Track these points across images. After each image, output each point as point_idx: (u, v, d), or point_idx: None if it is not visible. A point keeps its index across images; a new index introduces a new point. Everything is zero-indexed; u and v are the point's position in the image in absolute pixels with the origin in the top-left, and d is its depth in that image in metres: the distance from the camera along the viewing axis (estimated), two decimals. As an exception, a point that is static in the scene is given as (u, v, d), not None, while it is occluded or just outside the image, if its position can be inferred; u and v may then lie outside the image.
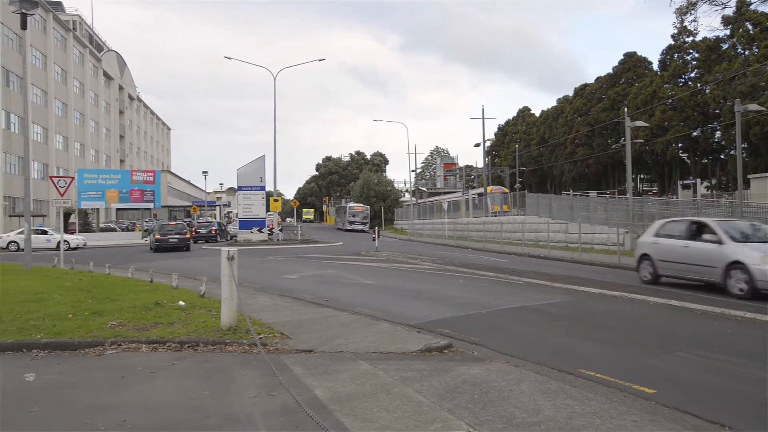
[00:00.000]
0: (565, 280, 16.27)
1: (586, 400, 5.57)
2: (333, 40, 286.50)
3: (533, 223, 35.15)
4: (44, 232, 36.52)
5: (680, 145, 57.98)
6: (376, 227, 38.10)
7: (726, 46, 50.53)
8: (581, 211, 32.42)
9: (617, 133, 61.24)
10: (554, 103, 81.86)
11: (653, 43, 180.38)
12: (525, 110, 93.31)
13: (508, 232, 36.37)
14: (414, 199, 72.23)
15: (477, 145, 51.67)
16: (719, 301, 12.17)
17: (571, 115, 71.08)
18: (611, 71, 67.54)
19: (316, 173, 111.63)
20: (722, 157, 56.35)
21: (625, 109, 45.29)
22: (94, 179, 46.28)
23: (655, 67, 61.03)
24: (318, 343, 7.99)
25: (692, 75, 55.05)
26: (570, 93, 76.07)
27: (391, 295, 13.71)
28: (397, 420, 5.02)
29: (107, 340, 7.84)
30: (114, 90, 78.60)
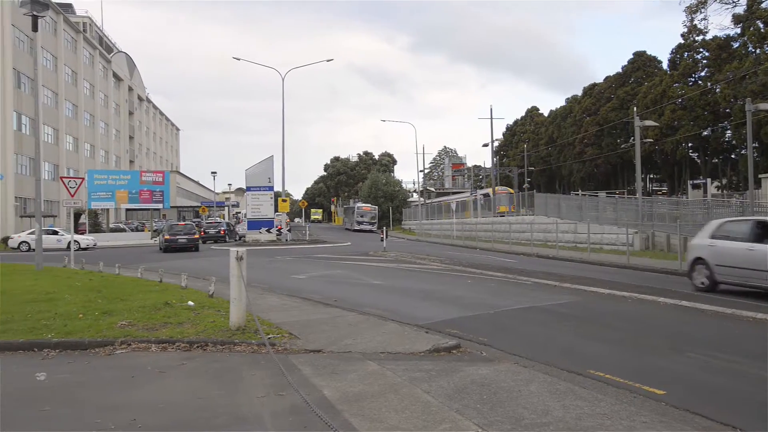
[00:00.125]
0: (573, 280, 16.20)
1: (595, 401, 5.54)
2: (341, 41, 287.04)
3: (542, 223, 35.03)
4: (55, 233, 36.79)
5: (690, 144, 57.58)
6: (384, 227, 38.13)
7: (737, 45, 50.10)
8: (590, 211, 32.28)
9: (626, 133, 60.94)
10: (563, 103, 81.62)
11: (663, 42, 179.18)
12: (533, 110, 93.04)
13: (516, 232, 36.28)
14: (422, 199, 72.18)
15: (485, 145, 51.41)
16: (730, 302, 12.07)
17: (580, 115, 70.76)
18: (620, 70, 67.15)
19: (324, 173, 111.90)
20: (733, 156, 55.92)
21: (635, 108, 45.02)
22: (103, 180, 46.66)
23: (665, 66, 60.62)
24: (326, 343, 8.00)
25: (702, 74, 54.64)
26: (579, 92, 75.79)
27: (399, 296, 13.70)
28: (406, 420, 5.02)
29: (117, 340, 7.90)
30: (123, 91, 79.09)
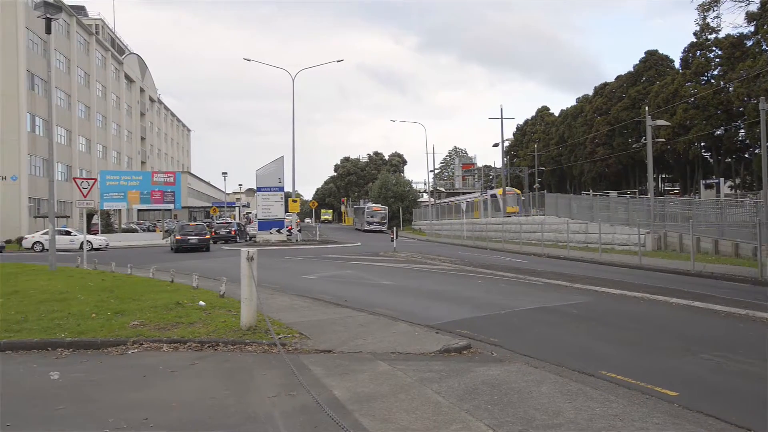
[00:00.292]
0: (585, 280, 16.12)
1: (607, 402, 5.51)
2: (351, 42, 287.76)
3: (552, 224, 34.87)
4: (68, 233, 37.10)
5: (703, 144, 57.07)
6: (394, 228, 38.12)
7: (750, 43, 49.60)
8: (601, 211, 32.09)
9: (638, 133, 60.45)
10: (573, 103, 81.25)
11: (675, 40, 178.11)
12: (544, 110, 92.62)
13: (527, 232, 36.14)
14: (432, 199, 72.08)
15: (495, 145, 51.28)
16: (744, 302, 11.96)
17: (591, 115, 70.34)
18: (632, 69, 66.65)
19: (335, 174, 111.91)
20: (746, 156, 55.32)
21: (646, 107, 44.65)
22: (116, 180, 47.02)
23: (677, 65, 60.13)
24: (337, 344, 8.02)
25: (715, 73, 54.12)
26: (589, 92, 75.35)
27: (409, 296, 13.70)
28: (416, 421, 5.02)
29: (129, 340, 7.96)
30: (135, 92, 79.68)
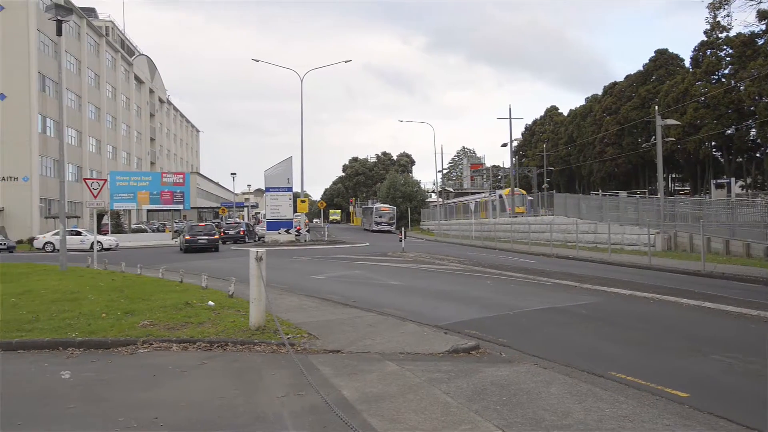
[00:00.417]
0: (594, 281, 16.04)
1: (616, 403, 5.48)
2: (358, 42, 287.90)
3: (561, 224, 34.74)
4: (78, 233, 37.37)
5: (713, 143, 56.55)
6: (402, 228, 38.10)
7: (761, 42, 49.10)
8: (611, 211, 31.93)
9: (648, 132, 60.03)
10: (582, 102, 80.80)
11: (685, 39, 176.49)
12: (552, 109, 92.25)
13: (536, 232, 36.03)
14: (440, 199, 71.99)
15: (504, 145, 51.16)
16: (756, 303, 11.86)
17: (600, 114, 69.95)
18: (642, 69, 66.21)
19: (343, 174, 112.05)
20: (758, 155, 54.80)
21: (656, 107, 44.36)
22: (125, 181, 47.32)
23: (687, 64, 59.69)
24: (345, 344, 8.03)
25: (726, 71, 53.62)
26: (598, 92, 74.91)
27: (418, 296, 13.69)
28: (425, 421, 5.02)
29: (139, 339, 8.01)
30: (145, 93, 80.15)
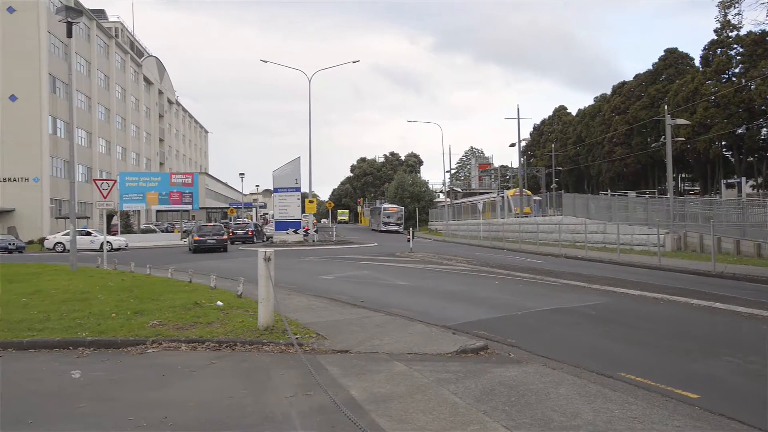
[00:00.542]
0: (603, 281, 15.97)
1: (626, 404, 5.45)
2: (366, 43, 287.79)
3: (570, 224, 34.61)
4: (88, 234, 37.62)
5: (724, 142, 56.10)
6: (410, 228, 38.09)
7: (772, 40, 48.74)
8: (620, 211, 31.78)
9: (657, 132, 59.63)
10: (591, 102, 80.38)
11: (694, 38, 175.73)
12: (561, 109, 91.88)
13: (544, 233, 35.91)
14: (448, 199, 71.88)
15: (512, 145, 51.16)
16: (767, 304, 11.75)
17: (609, 114, 69.60)
18: (651, 68, 65.84)
19: (351, 174, 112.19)
20: (769, 154, 54.38)
21: (666, 106, 44.06)
22: (135, 182, 47.60)
23: (697, 63, 59.27)
24: (354, 344, 8.03)
25: (736, 70, 53.19)
26: (607, 91, 74.54)
27: (426, 297, 13.68)
28: (433, 421, 5.01)
29: (148, 339, 8.05)
30: (154, 94, 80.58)
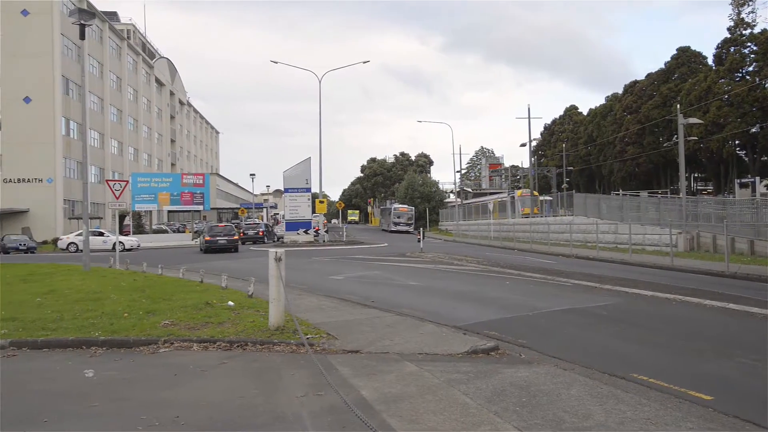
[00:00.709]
0: (615, 281, 15.87)
1: (638, 406, 5.41)
2: (376, 43, 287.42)
3: (581, 224, 34.42)
4: (101, 234, 37.98)
5: (737, 142, 55.54)
6: (420, 228, 38.06)
7: (787, 38, 48.17)
8: (631, 211, 31.56)
9: (669, 131, 59.21)
10: (602, 102, 79.87)
11: (707, 37, 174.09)
12: (572, 109, 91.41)
13: (555, 233, 35.74)
14: (459, 200, 71.75)
15: (523, 145, 50.90)
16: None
17: (621, 113, 69.13)
18: (663, 67, 65.35)
19: (361, 175, 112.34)
20: (783, 154, 53.77)
21: (678, 105, 43.71)
22: (147, 182, 47.93)
23: (710, 61, 58.73)
24: (364, 344, 8.04)
25: (750, 69, 52.64)
26: (619, 90, 74.01)
27: (436, 297, 13.66)
28: (444, 422, 5.00)
29: (160, 339, 8.10)
30: (165, 96, 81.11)
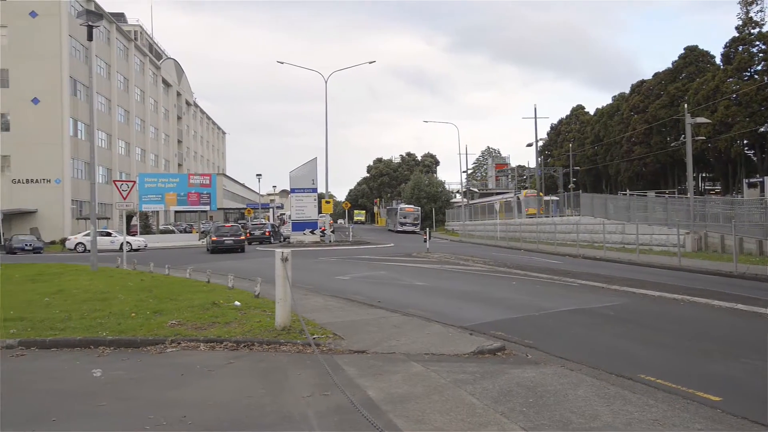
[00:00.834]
0: (622, 282, 15.81)
1: (646, 407, 5.39)
2: (381, 43, 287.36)
3: (588, 224, 34.31)
4: (108, 234, 38.14)
5: (746, 141, 55.23)
6: (427, 228, 38.05)
7: (796, 37, 47.89)
8: (639, 211, 31.44)
9: (677, 131, 58.90)
10: (609, 101, 79.56)
11: (715, 36, 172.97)
12: (578, 109, 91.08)
13: (562, 233, 35.63)
14: (465, 200, 71.62)
15: (529, 145, 50.82)
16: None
17: (628, 113, 68.84)
18: (671, 66, 65.04)
19: (367, 175, 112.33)
20: (793, 153, 53.40)
21: (686, 105, 43.48)
22: (153, 183, 48.08)
23: (718, 61, 58.40)
24: (371, 344, 8.04)
25: (759, 68, 52.32)
26: (626, 90, 73.78)
27: (443, 297, 13.65)
28: (450, 422, 5.00)
29: (167, 339, 8.13)
30: (172, 96, 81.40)
